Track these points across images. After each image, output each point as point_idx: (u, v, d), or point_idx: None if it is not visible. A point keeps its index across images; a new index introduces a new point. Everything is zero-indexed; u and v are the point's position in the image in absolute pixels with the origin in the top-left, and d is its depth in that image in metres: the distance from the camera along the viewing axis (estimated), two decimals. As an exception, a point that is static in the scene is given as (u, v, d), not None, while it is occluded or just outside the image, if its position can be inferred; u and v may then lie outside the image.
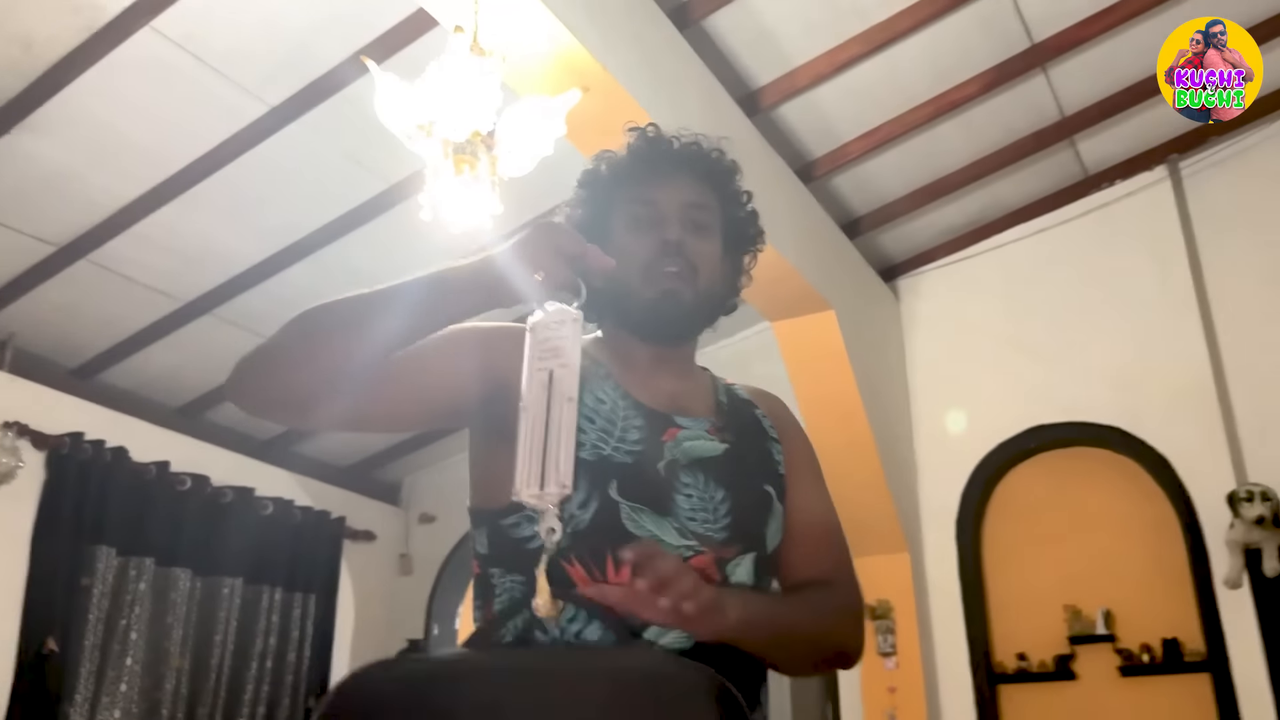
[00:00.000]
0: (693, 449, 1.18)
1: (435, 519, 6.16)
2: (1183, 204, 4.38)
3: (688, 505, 1.13)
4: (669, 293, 1.20)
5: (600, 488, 1.11)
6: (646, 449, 1.15)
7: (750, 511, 1.17)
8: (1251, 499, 3.70)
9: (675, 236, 1.21)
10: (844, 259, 4.56)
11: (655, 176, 1.25)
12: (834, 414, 4.35)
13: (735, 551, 1.14)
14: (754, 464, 1.22)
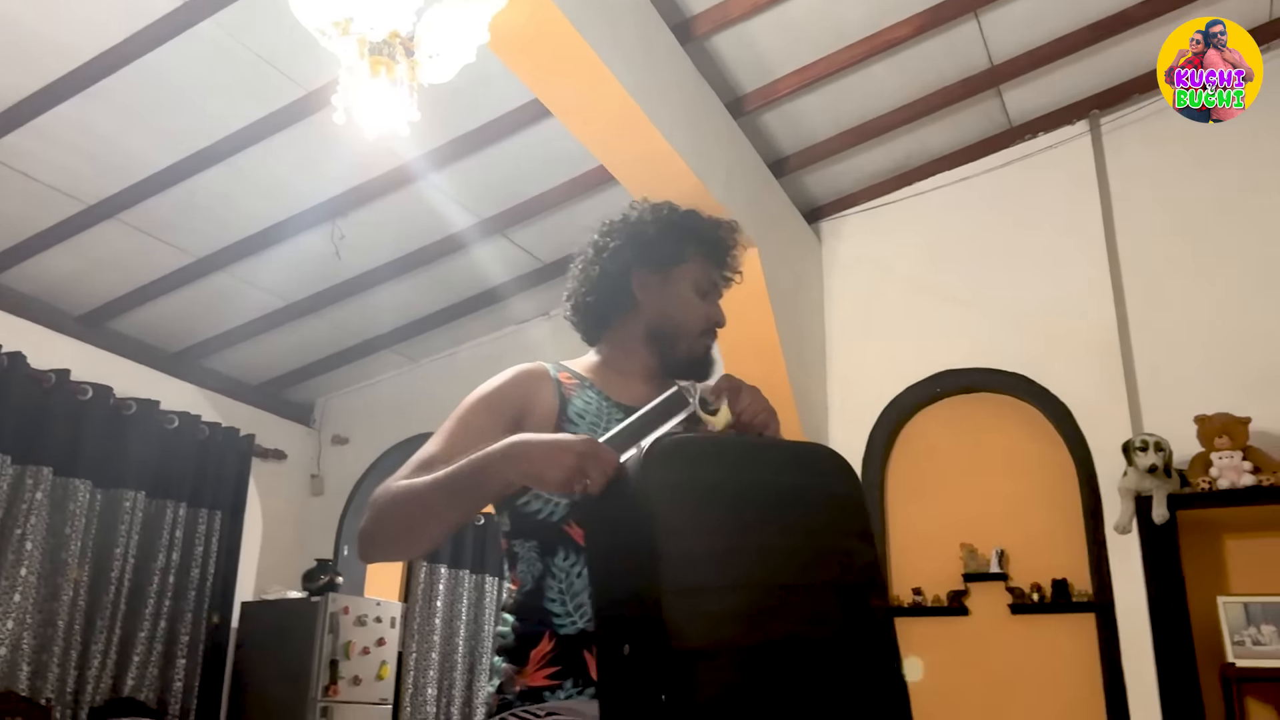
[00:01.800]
0: None
1: (348, 441, 6.10)
2: (1100, 159, 4.47)
3: None
4: (709, 355, 1.58)
5: None
6: None
7: None
8: (1145, 448, 3.84)
9: (723, 322, 1.59)
10: (770, 197, 4.56)
11: (722, 263, 1.62)
12: (751, 352, 4.38)
13: None
14: None
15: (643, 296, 1.58)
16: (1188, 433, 3.88)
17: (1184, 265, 4.23)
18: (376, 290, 5.14)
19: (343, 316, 5.40)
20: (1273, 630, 3.61)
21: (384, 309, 5.40)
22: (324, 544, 5.83)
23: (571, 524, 1.40)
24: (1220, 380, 3.97)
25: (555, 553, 1.41)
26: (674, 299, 1.56)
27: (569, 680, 1.34)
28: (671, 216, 1.62)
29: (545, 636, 1.37)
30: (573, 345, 1.69)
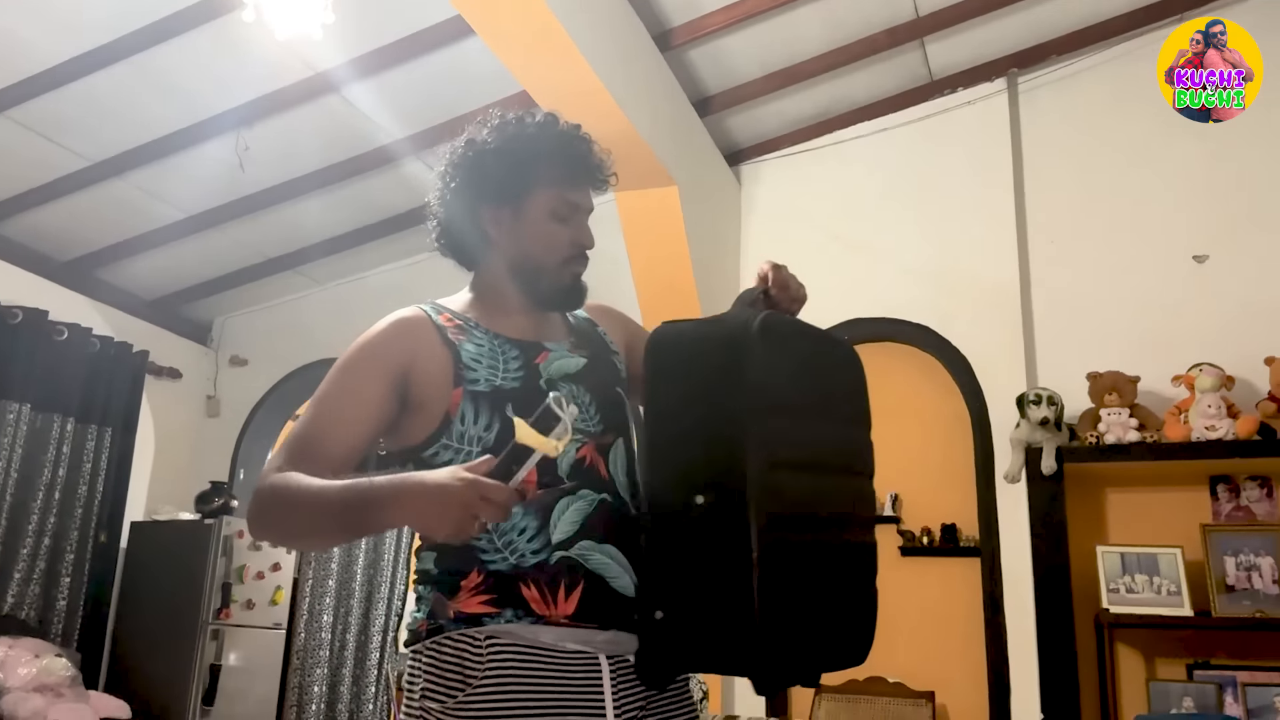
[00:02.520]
0: (562, 366, 1.48)
1: (247, 363, 5.93)
2: (1015, 118, 4.56)
3: None
4: (577, 280, 1.53)
5: (499, 411, 1.39)
6: (527, 373, 1.44)
7: (611, 407, 1.49)
8: (1039, 402, 3.98)
9: (592, 241, 1.54)
10: (692, 136, 4.54)
11: (580, 181, 1.52)
12: (667, 291, 4.39)
13: (610, 439, 1.45)
14: (605, 371, 1.53)
15: (495, 234, 1.52)
16: (1080, 389, 4.03)
17: (1086, 228, 4.37)
18: (282, 207, 4.98)
19: (245, 233, 5.22)
20: (1145, 579, 3.82)
21: (290, 228, 5.23)
22: (219, 467, 5.69)
23: None
24: (1113, 340, 4.13)
25: None
26: (529, 232, 1.49)
27: (508, 609, 1.33)
28: (510, 142, 1.50)
29: (474, 572, 1.36)
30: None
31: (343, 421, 1.40)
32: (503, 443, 1.26)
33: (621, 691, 1.35)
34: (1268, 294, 3.99)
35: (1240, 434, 3.72)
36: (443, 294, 1.62)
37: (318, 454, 1.36)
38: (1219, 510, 3.94)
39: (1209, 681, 3.72)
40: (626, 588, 1.36)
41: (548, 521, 1.36)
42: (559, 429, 1.19)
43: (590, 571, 1.35)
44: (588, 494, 1.39)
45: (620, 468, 1.45)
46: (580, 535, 1.36)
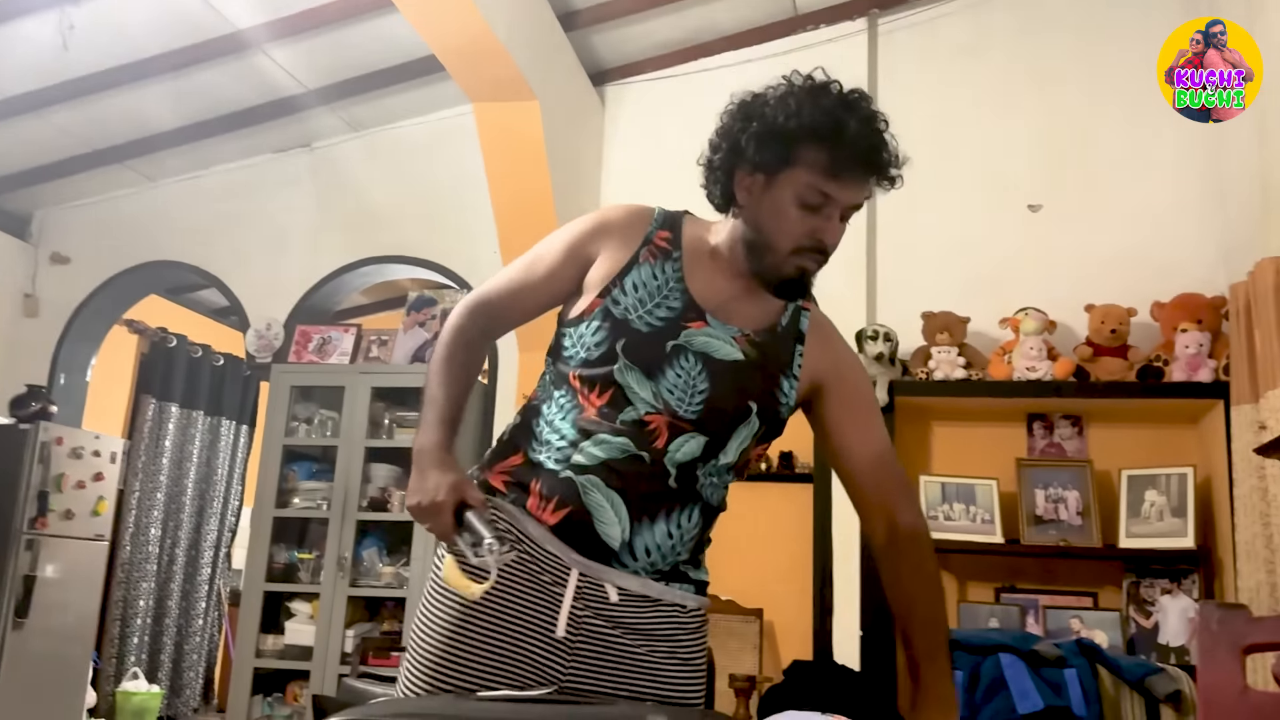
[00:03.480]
0: (707, 345, 1.43)
1: (70, 261, 5.57)
2: (873, 60, 4.65)
3: (672, 379, 1.40)
4: (805, 273, 1.43)
5: (613, 339, 1.41)
6: (665, 327, 1.42)
7: (723, 411, 1.42)
8: (876, 338, 4.13)
9: (833, 241, 1.42)
10: (556, 51, 4.45)
11: (846, 175, 1.39)
12: (525, 209, 4.32)
13: (691, 429, 1.40)
14: (755, 382, 1.44)
15: (743, 199, 1.47)
16: (915, 327, 4.20)
17: (930, 172, 4.46)
18: (113, 95, 4.64)
19: (71, 121, 4.85)
20: (962, 508, 4.06)
21: (121, 118, 4.89)
22: (37, 370, 5.35)
23: (580, 377, 1.43)
24: (948, 281, 4.31)
25: (561, 388, 1.46)
26: (769, 208, 1.42)
27: (513, 492, 1.43)
28: (787, 111, 1.41)
29: (519, 453, 1.46)
30: (340, 183, 1.61)
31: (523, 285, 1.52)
32: (601, 368, 1.40)
33: (584, 605, 1.38)
34: (1092, 245, 4.23)
35: (1058, 375, 3.96)
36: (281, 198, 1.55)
37: (494, 310, 1.53)
38: (1034, 446, 4.21)
39: (1014, 604, 4.01)
40: (610, 537, 1.38)
41: (579, 442, 1.40)
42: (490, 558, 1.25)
43: (583, 503, 1.38)
44: (624, 442, 1.39)
45: (685, 451, 1.41)
46: (595, 471, 1.38)
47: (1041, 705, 2.25)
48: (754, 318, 1.48)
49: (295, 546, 4.80)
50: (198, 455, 6.63)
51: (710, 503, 1.46)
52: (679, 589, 1.45)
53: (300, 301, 5.18)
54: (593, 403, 1.41)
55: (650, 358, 1.41)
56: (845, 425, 1.51)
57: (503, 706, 1.12)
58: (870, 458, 1.49)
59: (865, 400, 1.54)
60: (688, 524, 1.43)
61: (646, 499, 1.39)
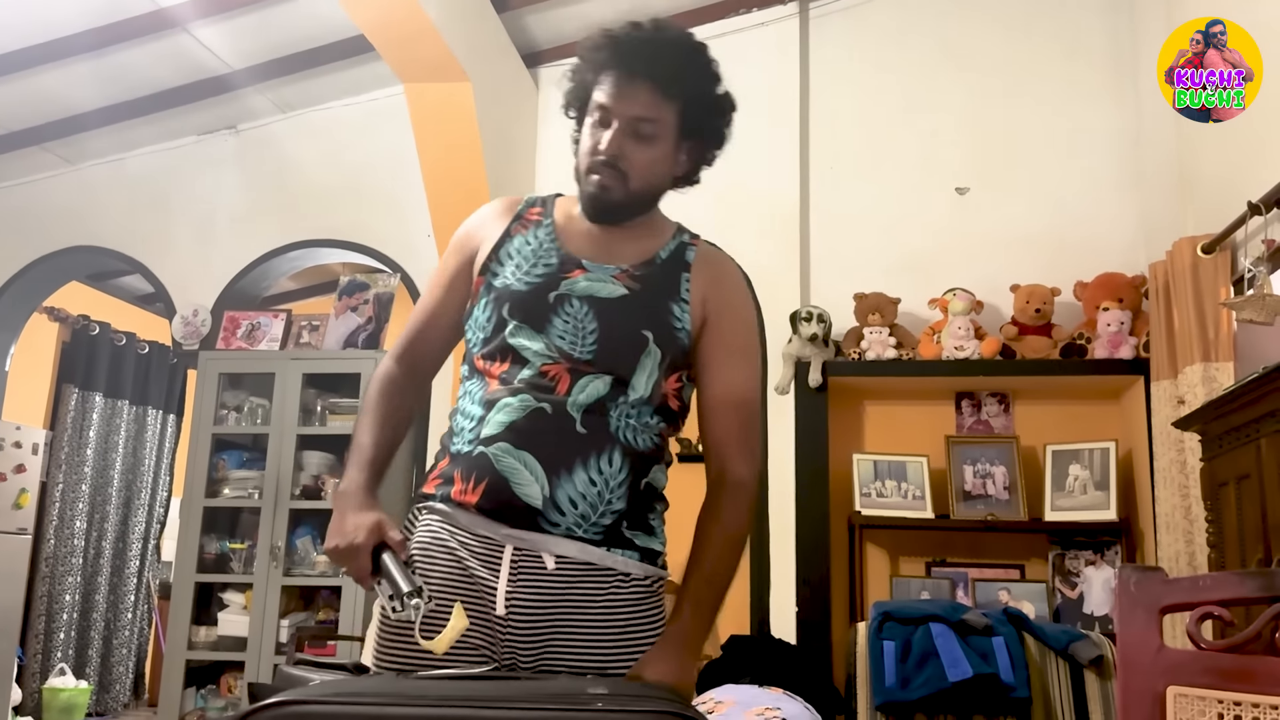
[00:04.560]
0: (589, 288, 1.46)
1: (-14, 245, 5.38)
2: (805, 44, 4.69)
3: (561, 327, 1.43)
4: (600, 192, 1.46)
5: (499, 308, 1.46)
6: (545, 282, 1.46)
7: (620, 345, 1.43)
8: (810, 319, 4.19)
9: (609, 150, 1.44)
10: (489, 31, 4.41)
11: (612, 85, 1.44)
12: (458, 192, 4.29)
13: (595, 370, 1.42)
14: (644, 312, 1.46)
15: None
16: (847, 307, 4.27)
17: (861, 155, 4.58)
18: (30, 74, 4.49)
19: (-17, 101, 4.69)
20: (894, 484, 4.14)
21: (36, 98, 4.73)
22: (-48, 359, 5.17)
23: (481, 357, 1.47)
24: (879, 263, 4.38)
25: (471, 378, 1.49)
26: (581, 143, 1.50)
27: (442, 489, 1.45)
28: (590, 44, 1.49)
29: (444, 456, 1.48)
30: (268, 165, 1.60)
31: (432, 310, 1.57)
32: (495, 338, 1.45)
33: (520, 580, 1.38)
34: (1017, 226, 4.33)
35: (985, 354, 4.06)
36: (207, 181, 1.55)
37: (420, 341, 1.58)
38: (962, 423, 4.31)
39: (944, 577, 4.11)
40: (531, 496, 1.37)
41: (485, 416, 1.43)
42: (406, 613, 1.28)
43: (497, 471, 1.39)
44: (525, 399, 1.41)
45: (589, 393, 1.41)
46: (502, 436, 1.40)
47: (971, 673, 2.31)
48: (631, 254, 1.51)
49: (227, 537, 4.72)
50: (123, 445, 6.47)
51: (634, 446, 1.43)
52: (621, 555, 1.42)
53: (228, 287, 5.07)
54: (494, 374, 1.44)
55: (536, 312, 1.44)
56: (710, 363, 1.50)
57: (441, 684, 1.13)
58: (722, 400, 1.49)
59: (737, 345, 1.52)
60: (610, 469, 1.40)
61: (557, 450, 1.38)
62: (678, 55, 1.47)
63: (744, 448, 1.50)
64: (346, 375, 4.59)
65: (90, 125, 4.97)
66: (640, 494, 1.44)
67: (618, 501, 1.41)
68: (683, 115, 1.49)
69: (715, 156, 1.59)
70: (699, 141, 1.54)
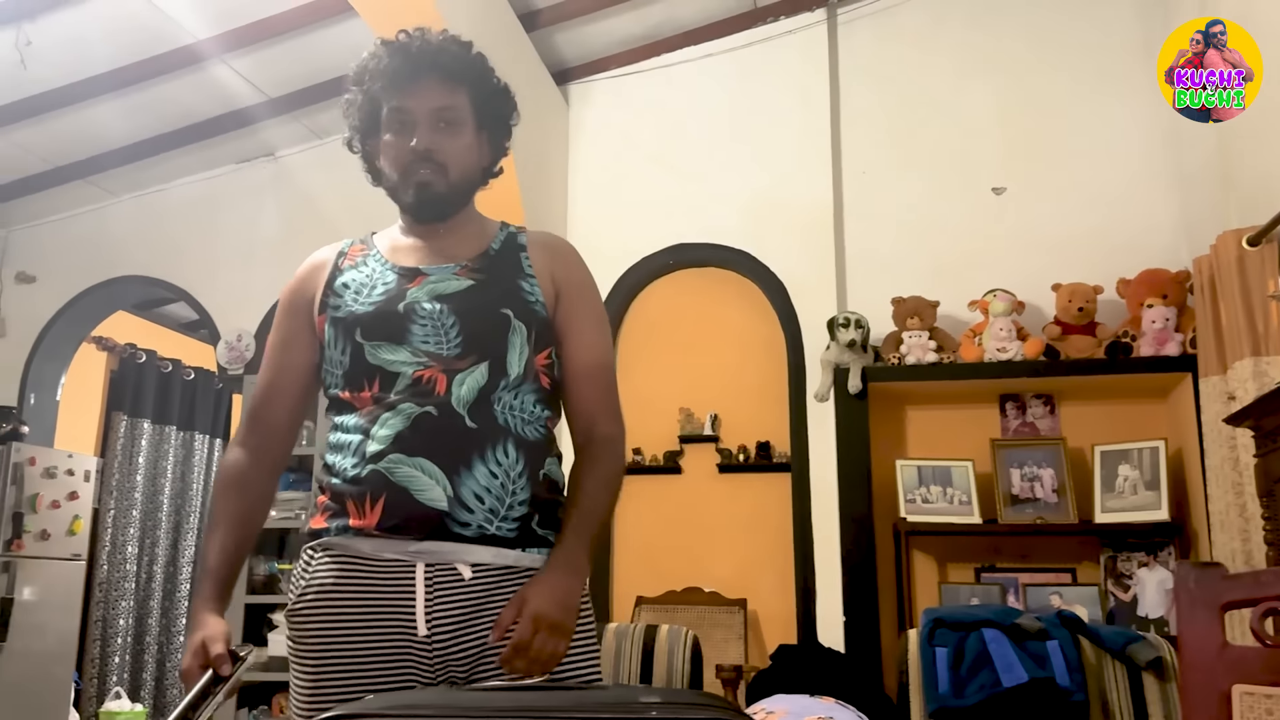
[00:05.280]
0: (436, 289, 1.47)
1: (35, 280, 5.50)
2: (834, 50, 4.68)
3: (421, 332, 1.44)
4: (423, 188, 1.49)
5: (349, 336, 1.45)
6: (389, 298, 1.47)
7: (484, 330, 1.45)
8: (847, 325, 4.17)
9: (424, 145, 1.48)
10: (518, 51, 4.45)
11: (406, 86, 1.49)
12: (491, 210, 4.28)
13: (468, 363, 1.43)
14: (497, 294, 1.48)
15: (381, 163, 1.56)
16: (885, 312, 4.24)
17: (894, 158, 4.56)
18: (73, 110, 4.59)
19: (31, 138, 4.80)
20: (939, 490, 4.10)
21: (81, 134, 4.84)
22: (7, 390, 5.29)
23: (344, 389, 1.47)
24: (917, 266, 4.36)
25: (338, 412, 1.49)
26: (383, 151, 1.53)
27: (335, 522, 1.41)
28: (354, 70, 1.55)
29: (323, 491, 1.46)
30: (305, 190, 1.64)
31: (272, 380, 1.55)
32: (356, 366, 1.45)
33: (438, 596, 1.37)
34: (1057, 225, 4.28)
35: (1028, 355, 4.01)
36: (247, 208, 1.59)
37: (264, 419, 1.55)
38: (1007, 426, 4.26)
39: (994, 583, 4.06)
40: (435, 499, 1.36)
41: (367, 436, 1.41)
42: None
43: (394, 484, 1.37)
44: (407, 408, 1.40)
45: (469, 387, 1.42)
46: (392, 448, 1.38)
47: (1026, 678, 2.27)
48: (465, 253, 1.53)
49: (275, 558, 4.77)
50: (172, 470, 6.57)
51: (525, 436, 1.44)
52: (538, 554, 1.41)
53: (270, 311, 5.14)
54: (365, 399, 1.43)
55: (390, 327, 1.44)
56: (570, 332, 1.53)
57: (496, 695, 1.13)
58: (585, 366, 1.53)
59: (589, 314, 1.57)
60: (506, 460, 1.40)
61: (451, 448, 1.38)
62: (454, 48, 1.53)
63: (609, 410, 1.55)
64: (388, 395, 4.62)
65: (133, 158, 5.07)
66: (541, 486, 1.44)
67: (522, 491, 1.40)
68: (474, 102, 1.54)
69: (507, 149, 1.62)
70: (492, 130, 1.58)
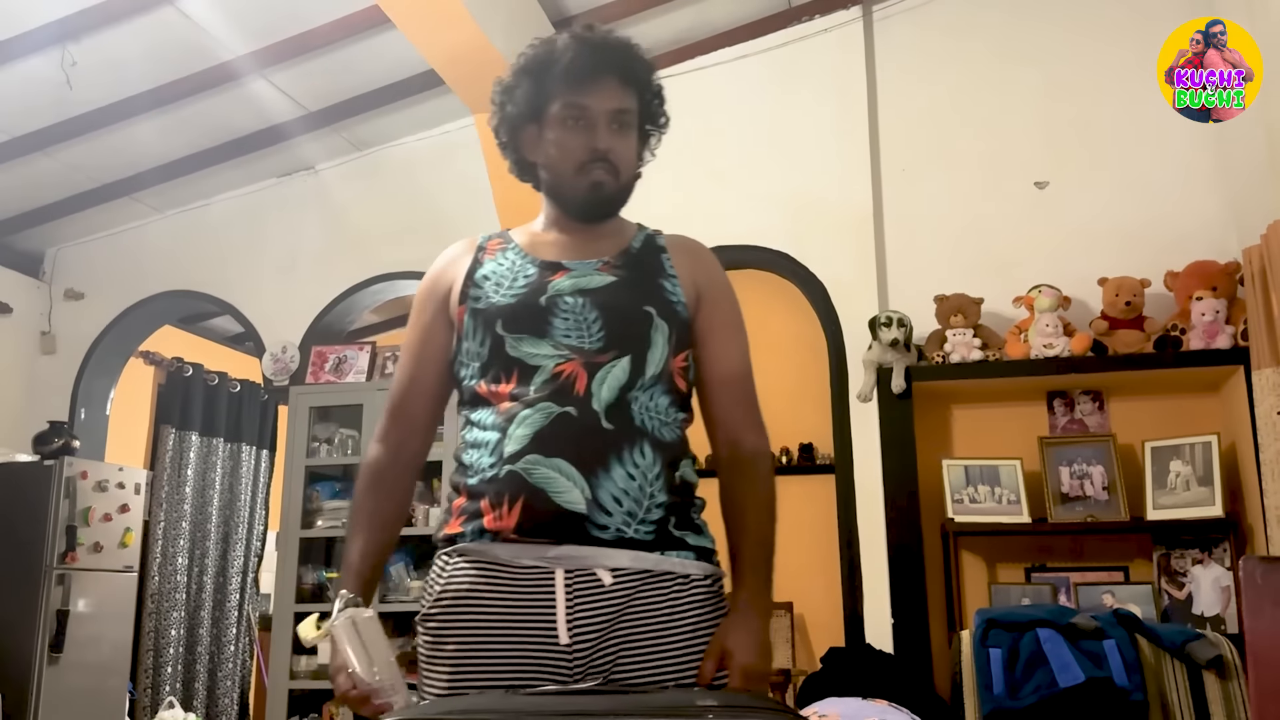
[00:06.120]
0: (578, 282, 1.47)
1: (84, 296, 5.60)
2: (870, 47, 4.64)
3: (563, 325, 1.43)
4: (597, 187, 1.49)
5: (490, 328, 1.45)
6: (531, 290, 1.46)
7: (626, 324, 1.44)
8: (890, 324, 4.13)
9: (605, 145, 1.48)
10: (553, 58, 4.46)
11: (586, 84, 1.48)
12: (530, 217, 4.32)
13: (609, 357, 1.42)
14: (639, 290, 1.48)
15: (533, 155, 1.55)
16: (927, 311, 4.20)
17: (935, 155, 4.51)
18: (115, 129, 4.67)
19: (76, 157, 4.89)
20: (987, 489, 4.05)
21: (124, 151, 4.92)
22: (58, 405, 5.38)
23: (482, 383, 1.45)
24: (959, 263, 4.31)
25: (474, 410, 1.47)
26: (547, 146, 1.51)
27: (470, 526, 1.40)
28: (529, 62, 1.53)
29: (460, 495, 1.44)
30: (347, 202, 1.65)
31: (412, 373, 1.55)
32: (495, 358, 1.43)
33: (579, 603, 1.35)
34: (1102, 218, 4.22)
35: (1075, 351, 3.95)
36: (289, 221, 1.59)
37: (404, 413, 1.55)
38: (1055, 423, 4.20)
39: (1045, 583, 4.00)
40: (573, 502, 1.34)
41: (504, 436, 1.39)
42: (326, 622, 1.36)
43: (532, 485, 1.35)
44: (546, 406, 1.38)
45: (610, 385, 1.40)
46: (530, 448, 1.36)
47: (1083, 677, 2.23)
48: (606, 250, 1.53)
49: (323, 567, 4.81)
50: (220, 482, 6.66)
51: (661, 438, 1.42)
52: (676, 556, 1.39)
53: (314, 323, 5.20)
54: (504, 394, 1.42)
55: (532, 319, 1.44)
56: (710, 339, 1.53)
57: (552, 699, 1.13)
58: (727, 374, 1.53)
59: (732, 319, 1.57)
60: (644, 461, 1.39)
61: (589, 450, 1.36)
62: (632, 49, 1.53)
63: (752, 420, 1.55)
64: (431, 403, 4.65)
65: (176, 174, 5.15)
66: (678, 488, 1.43)
67: (659, 494, 1.39)
68: (640, 106, 1.55)
69: (657, 146, 1.63)
70: (648, 136, 1.59)
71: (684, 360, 1.50)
